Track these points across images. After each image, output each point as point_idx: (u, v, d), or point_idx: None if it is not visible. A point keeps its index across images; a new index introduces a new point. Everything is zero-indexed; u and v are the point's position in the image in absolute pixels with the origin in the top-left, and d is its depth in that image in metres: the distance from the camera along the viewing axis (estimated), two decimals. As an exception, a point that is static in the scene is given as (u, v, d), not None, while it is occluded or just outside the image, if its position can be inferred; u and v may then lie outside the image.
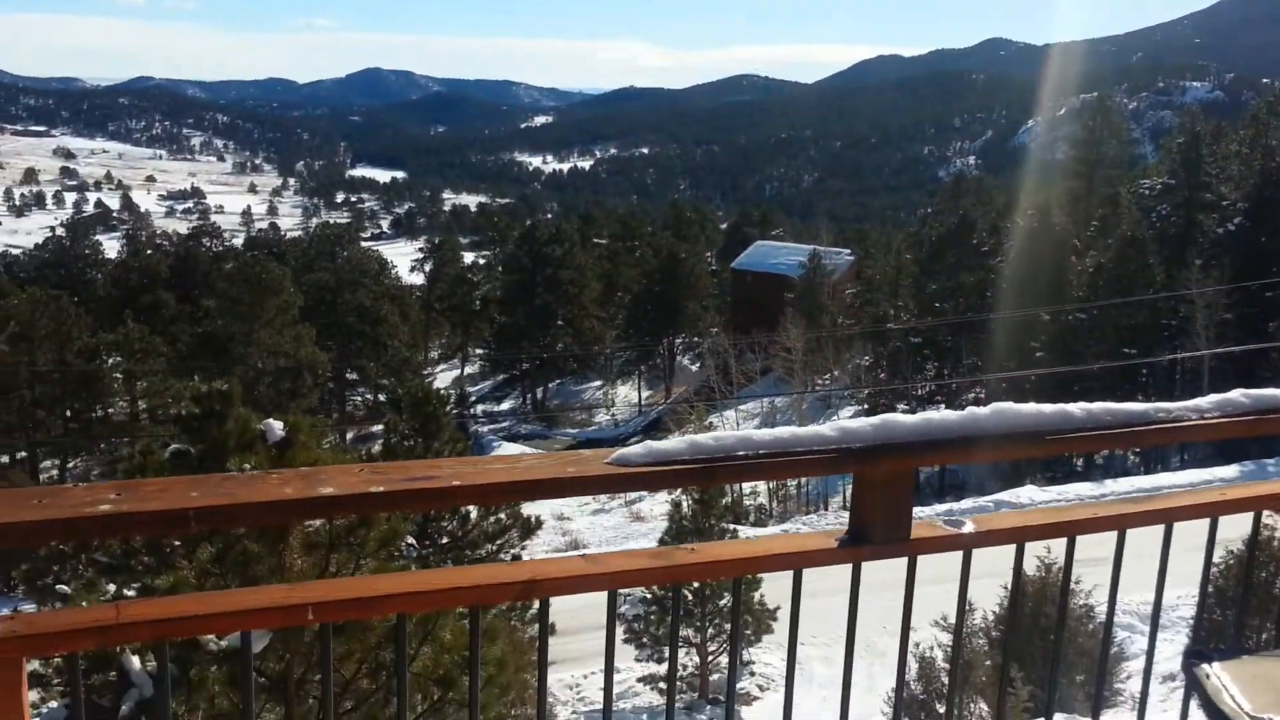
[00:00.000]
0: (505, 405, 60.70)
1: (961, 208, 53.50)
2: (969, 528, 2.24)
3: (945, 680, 15.16)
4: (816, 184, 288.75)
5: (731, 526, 23.19)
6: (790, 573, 2.11)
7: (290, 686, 6.67)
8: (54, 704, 7.68)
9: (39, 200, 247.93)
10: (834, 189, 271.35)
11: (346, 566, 6.59)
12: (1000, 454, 2.20)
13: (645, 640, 20.18)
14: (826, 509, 40.56)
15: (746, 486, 44.61)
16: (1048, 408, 2.25)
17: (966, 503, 33.68)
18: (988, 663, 15.83)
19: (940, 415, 2.15)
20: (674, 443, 1.98)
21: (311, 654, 6.57)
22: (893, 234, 72.64)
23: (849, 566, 2.16)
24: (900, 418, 2.12)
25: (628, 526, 40.14)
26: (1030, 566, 18.79)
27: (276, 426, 6.84)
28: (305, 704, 6.53)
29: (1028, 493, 34.36)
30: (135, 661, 6.13)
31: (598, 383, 61.14)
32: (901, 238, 61.36)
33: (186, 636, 1.80)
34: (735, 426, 48.29)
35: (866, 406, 44.72)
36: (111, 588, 13.33)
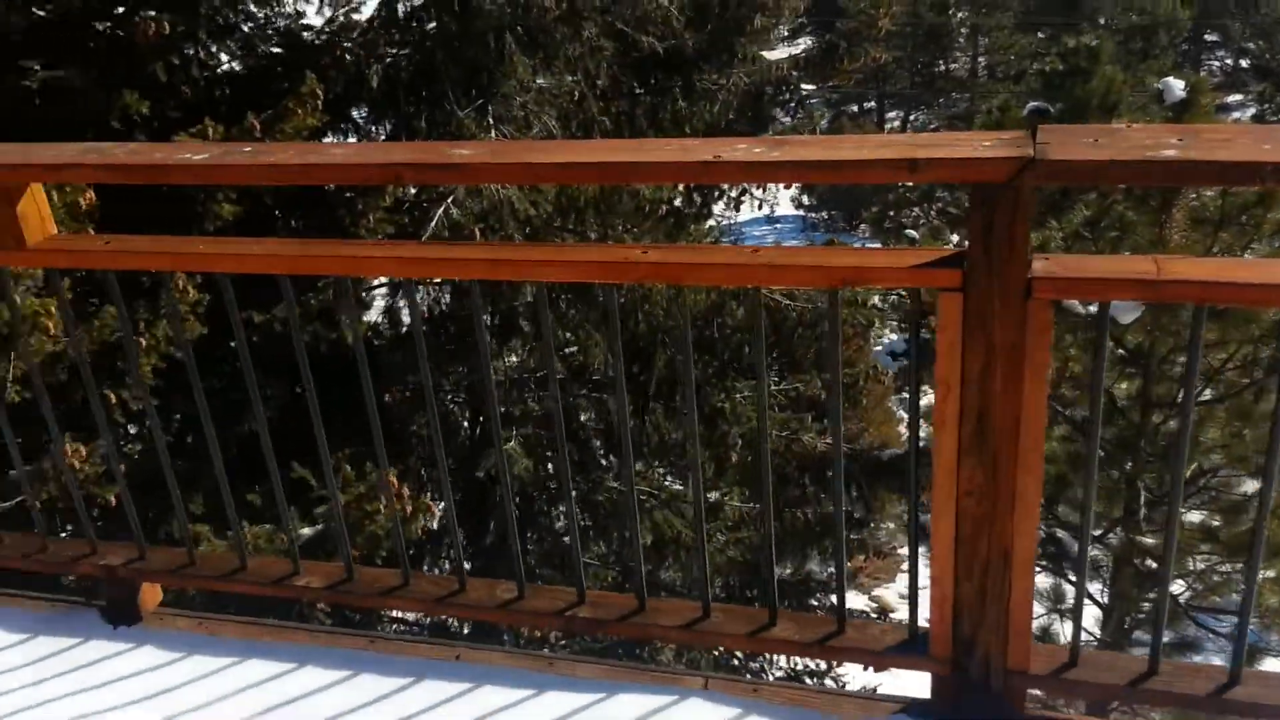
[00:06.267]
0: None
1: None
2: None
3: None
4: None
5: None
6: None
7: (1152, 362, 6.44)
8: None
9: None
10: None
11: (1232, 248, 5.95)
12: None
13: None
14: None
15: None
16: None
17: None
18: None
19: None
20: None
21: (1181, 334, 6.23)
22: None
23: None
24: None
25: None
26: None
27: (1177, 86, 6.13)
28: (1164, 383, 6.30)
29: None
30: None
31: None
32: None
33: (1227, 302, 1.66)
34: None
35: None
36: (955, 238, 14.01)
